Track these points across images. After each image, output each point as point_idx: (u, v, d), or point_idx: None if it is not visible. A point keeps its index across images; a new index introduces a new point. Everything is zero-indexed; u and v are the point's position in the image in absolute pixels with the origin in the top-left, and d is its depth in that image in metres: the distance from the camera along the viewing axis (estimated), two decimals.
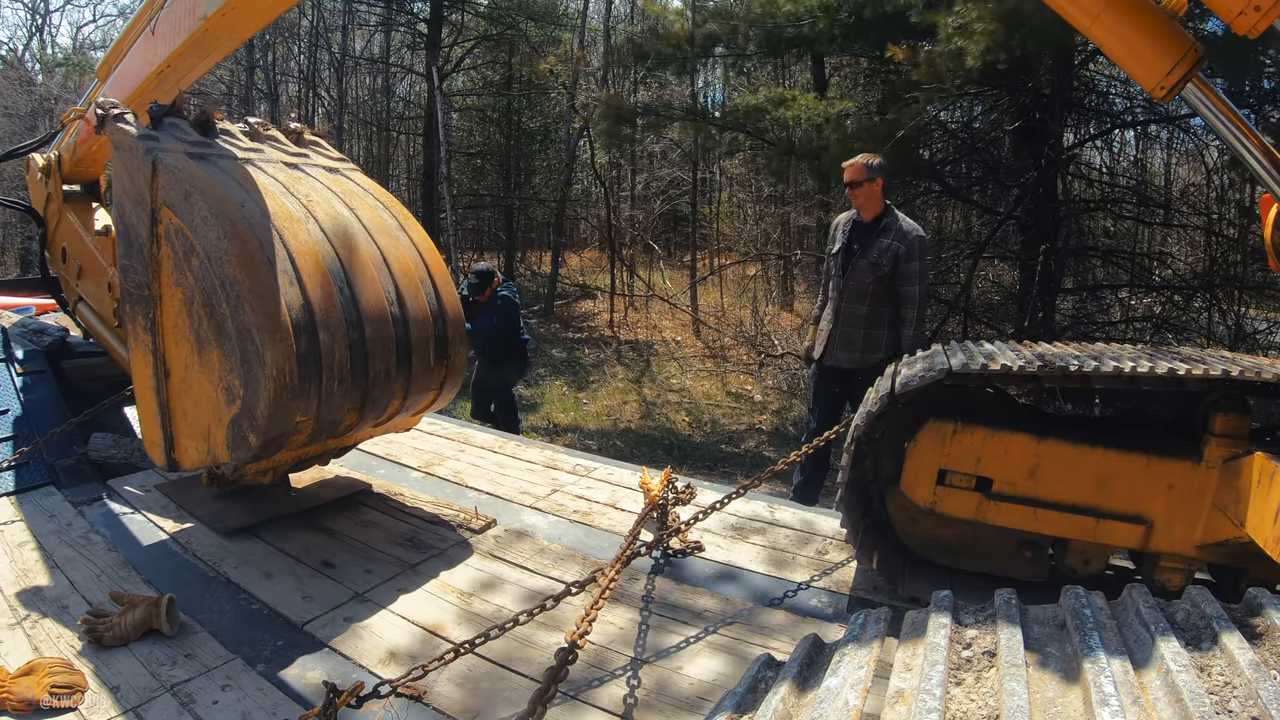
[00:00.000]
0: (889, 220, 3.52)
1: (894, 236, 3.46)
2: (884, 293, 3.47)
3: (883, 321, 3.50)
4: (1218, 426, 1.92)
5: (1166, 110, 6.88)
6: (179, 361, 2.23)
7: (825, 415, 3.76)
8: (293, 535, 2.61)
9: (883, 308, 3.49)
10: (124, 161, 2.22)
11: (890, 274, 3.44)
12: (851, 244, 3.60)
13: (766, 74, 12.20)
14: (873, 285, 3.48)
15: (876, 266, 3.46)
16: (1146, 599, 1.13)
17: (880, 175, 3.52)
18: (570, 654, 1.68)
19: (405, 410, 2.63)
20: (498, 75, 16.01)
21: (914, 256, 3.40)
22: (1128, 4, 1.84)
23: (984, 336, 5.91)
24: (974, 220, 9.71)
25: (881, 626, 1.26)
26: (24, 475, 2.88)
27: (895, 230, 3.47)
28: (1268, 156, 1.84)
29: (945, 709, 0.95)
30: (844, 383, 3.66)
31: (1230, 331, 6.94)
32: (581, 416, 7.77)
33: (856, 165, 3.55)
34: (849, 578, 2.39)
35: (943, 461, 2.11)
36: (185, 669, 1.84)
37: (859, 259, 3.53)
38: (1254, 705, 0.87)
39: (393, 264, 2.51)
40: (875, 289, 3.48)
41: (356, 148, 17.70)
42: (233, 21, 2.44)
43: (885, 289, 3.47)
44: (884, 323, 3.50)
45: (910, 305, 3.43)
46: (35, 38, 20.49)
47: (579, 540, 2.67)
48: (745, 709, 1.18)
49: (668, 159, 15.47)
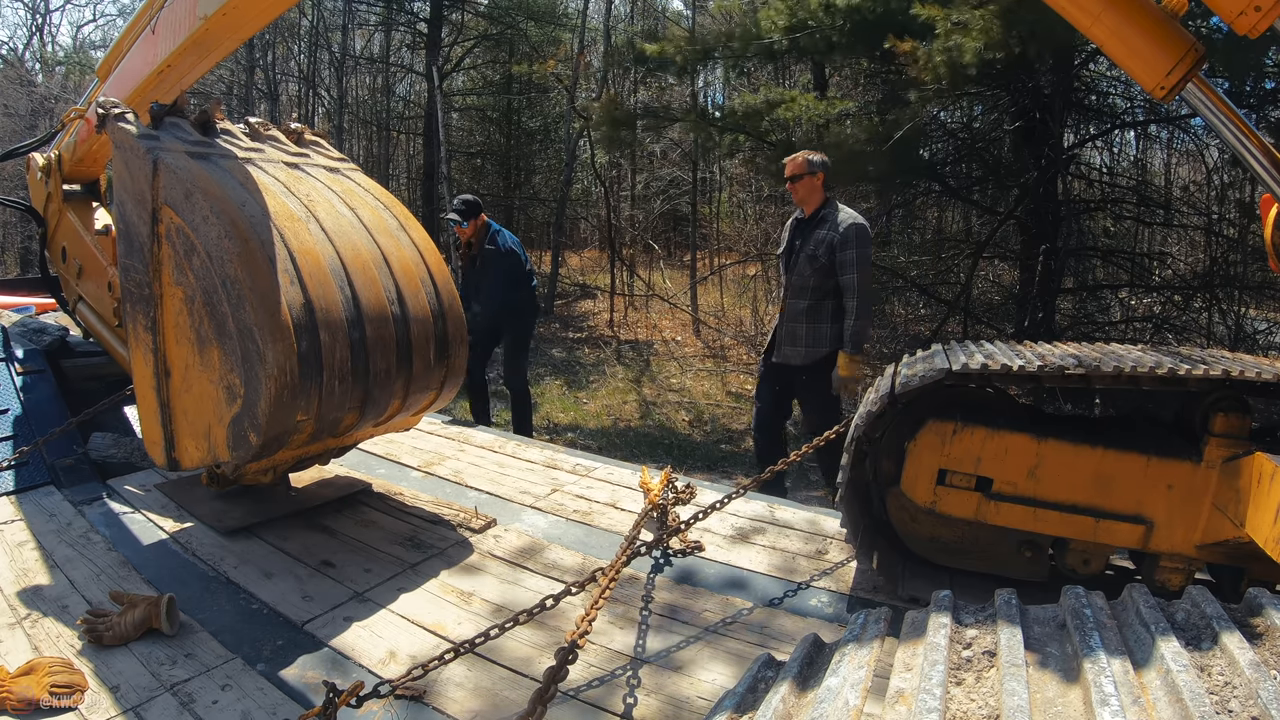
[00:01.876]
0: (827, 212, 3.52)
1: (829, 227, 3.46)
2: (825, 286, 3.48)
3: (826, 315, 3.50)
4: (1218, 426, 1.92)
5: (1167, 110, 6.88)
6: (179, 361, 2.23)
7: (761, 412, 3.83)
8: (293, 535, 2.61)
9: (825, 301, 3.49)
10: (125, 161, 2.22)
11: (828, 265, 3.44)
12: (795, 241, 3.63)
13: (767, 74, 12.20)
14: (813, 279, 3.49)
15: (813, 259, 3.46)
16: (1146, 599, 1.13)
17: (821, 170, 3.54)
18: (570, 654, 1.68)
19: (406, 410, 2.63)
20: (498, 75, 16.01)
21: (849, 245, 3.38)
22: (1128, 4, 1.84)
23: (984, 336, 5.91)
24: (974, 220, 9.71)
25: (881, 626, 1.26)
26: (24, 475, 2.88)
27: (831, 221, 3.47)
28: (1268, 156, 1.84)
29: (945, 709, 0.95)
30: (787, 380, 3.69)
31: (1230, 331, 6.94)
32: (581, 416, 7.77)
33: (797, 160, 3.58)
34: (849, 578, 2.39)
35: (943, 461, 2.11)
36: (185, 668, 1.84)
37: (799, 254, 3.56)
38: (1254, 705, 0.87)
39: (393, 264, 2.51)
40: (815, 282, 3.49)
41: (356, 147, 17.69)
42: (233, 21, 2.44)
43: (826, 282, 3.47)
44: (827, 316, 3.50)
45: (850, 295, 3.40)
46: (35, 37, 20.48)
47: (579, 540, 2.67)
48: (745, 708, 1.18)
49: (668, 159, 15.47)
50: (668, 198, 15.42)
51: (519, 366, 5.19)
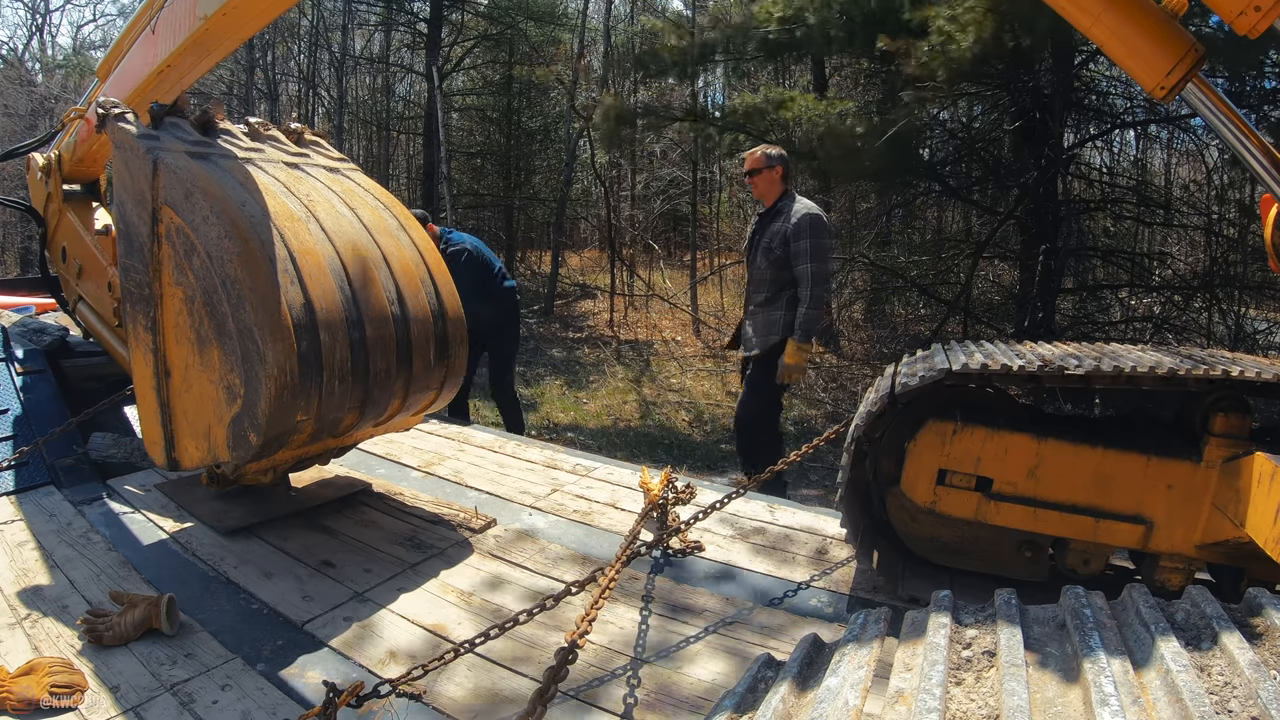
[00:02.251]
0: (783, 204, 3.52)
1: (783, 219, 3.45)
2: (782, 279, 3.47)
3: (781, 305, 3.49)
4: (1218, 426, 1.92)
5: (1167, 110, 6.88)
6: (180, 361, 2.23)
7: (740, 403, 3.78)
8: (293, 535, 2.61)
9: (782, 293, 3.49)
10: (125, 161, 2.22)
11: (783, 258, 3.43)
12: (755, 236, 3.63)
13: (767, 75, 12.20)
14: (769, 272, 3.49)
15: (768, 251, 3.46)
16: (1146, 599, 1.13)
17: (780, 164, 3.54)
18: (570, 653, 1.68)
19: (406, 410, 2.63)
20: (498, 75, 16.00)
21: (801, 235, 3.37)
22: (1128, 4, 1.84)
23: (984, 336, 5.91)
24: (974, 220, 9.71)
25: (881, 626, 1.26)
26: (24, 475, 2.88)
27: (786, 213, 3.46)
28: (1268, 156, 1.84)
29: (945, 709, 0.95)
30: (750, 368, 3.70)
31: (1230, 331, 6.94)
32: (581, 416, 7.77)
33: (755, 155, 3.58)
34: (849, 578, 2.39)
35: (943, 461, 2.11)
36: (185, 668, 1.84)
37: (757, 248, 3.56)
38: (1254, 705, 0.87)
39: (393, 264, 2.51)
40: (772, 275, 3.48)
41: (356, 147, 17.69)
42: (233, 21, 2.44)
43: (782, 274, 3.46)
44: (782, 306, 3.49)
45: (804, 284, 3.38)
46: (35, 37, 20.49)
47: (579, 540, 2.67)
48: (745, 708, 1.18)
49: (668, 159, 15.46)
50: (668, 198, 15.42)
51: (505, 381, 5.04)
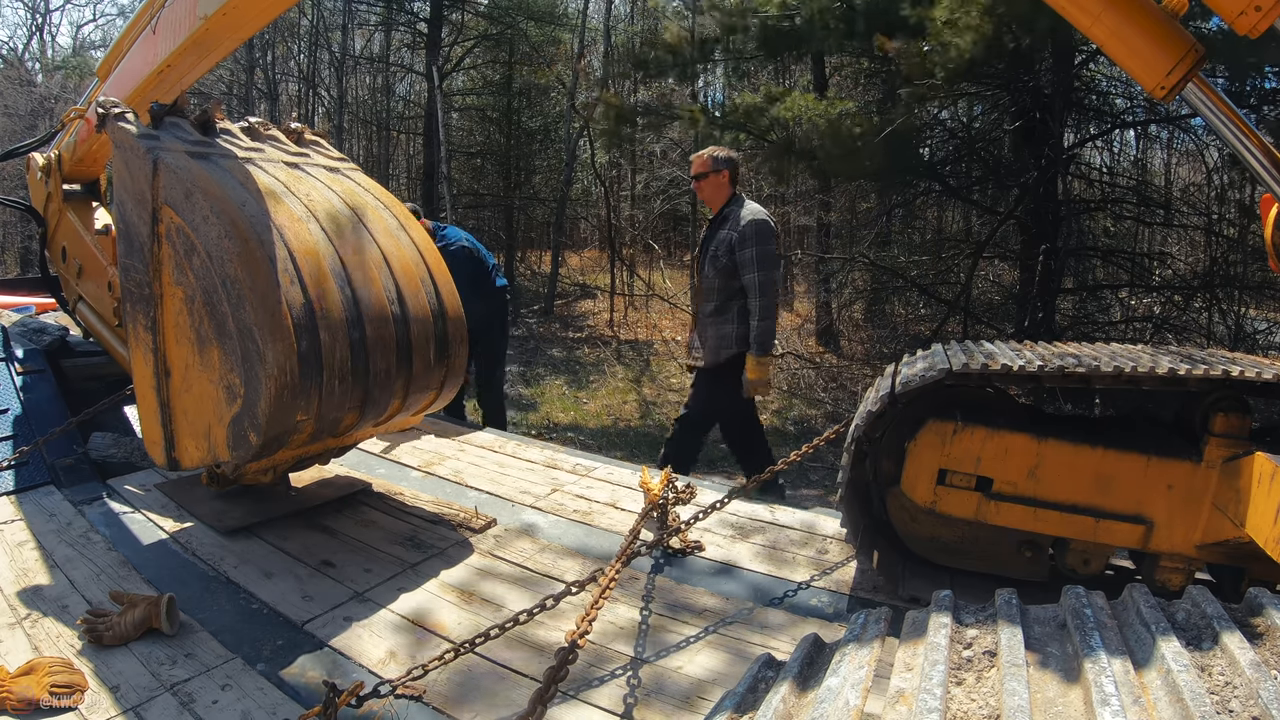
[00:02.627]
0: (730, 209, 3.37)
1: (730, 226, 3.31)
2: (730, 288, 3.32)
3: (731, 317, 3.35)
4: (1218, 426, 1.92)
5: (1167, 110, 6.88)
6: (179, 360, 2.23)
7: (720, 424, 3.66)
8: (292, 534, 2.61)
9: (731, 303, 3.34)
10: (125, 160, 2.22)
11: (730, 266, 3.28)
12: (705, 244, 3.48)
13: (767, 74, 12.19)
14: (716, 280, 3.34)
15: (714, 260, 3.32)
16: (1147, 599, 1.13)
17: (727, 168, 3.39)
18: (570, 653, 1.68)
19: (406, 409, 2.63)
20: (498, 75, 16.01)
21: (747, 243, 3.22)
22: (1128, 4, 1.84)
23: (984, 336, 5.91)
24: (974, 220, 9.71)
25: (882, 626, 1.26)
26: (24, 474, 2.88)
27: (733, 219, 3.31)
28: (1268, 156, 1.84)
29: (946, 709, 0.95)
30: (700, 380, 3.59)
31: (1230, 331, 6.94)
32: (581, 416, 7.77)
33: (702, 158, 3.43)
34: (849, 578, 2.39)
35: (943, 461, 2.11)
36: (185, 668, 1.84)
37: (704, 256, 3.42)
38: (1254, 705, 0.87)
39: (393, 264, 2.51)
40: (719, 284, 3.34)
41: (356, 147, 17.70)
42: (233, 21, 2.44)
43: (730, 283, 3.32)
44: (732, 318, 3.35)
45: (753, 295, 3.24)
46: (35, 37, 20.49)
47: (579, 540, 2.67)
48: (745, 708, 1.17)
49: (668, 159, 15.46)
50: (668, 198, 15.41)
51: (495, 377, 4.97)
